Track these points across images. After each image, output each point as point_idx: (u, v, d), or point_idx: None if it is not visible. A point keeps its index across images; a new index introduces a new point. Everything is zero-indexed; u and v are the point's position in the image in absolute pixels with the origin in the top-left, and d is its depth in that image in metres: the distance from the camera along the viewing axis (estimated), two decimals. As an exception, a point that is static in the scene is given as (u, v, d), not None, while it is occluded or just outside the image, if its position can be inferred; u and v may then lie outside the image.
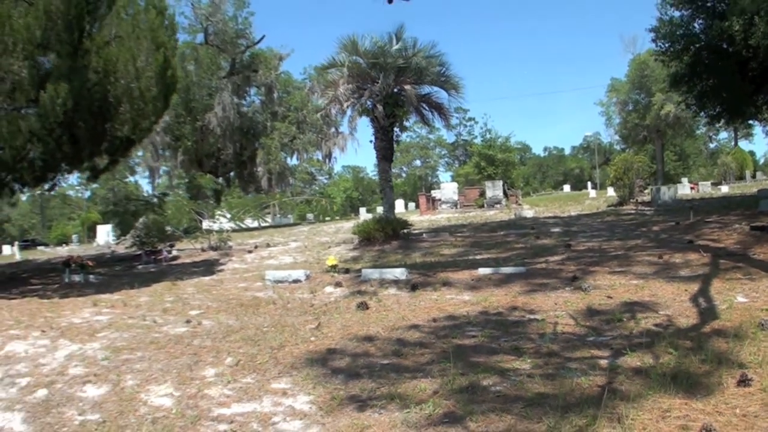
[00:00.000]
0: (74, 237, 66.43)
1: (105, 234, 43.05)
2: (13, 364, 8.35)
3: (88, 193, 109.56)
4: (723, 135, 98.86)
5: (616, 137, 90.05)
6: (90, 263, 20.10)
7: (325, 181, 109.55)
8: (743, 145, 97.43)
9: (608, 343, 7.13)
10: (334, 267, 14.98)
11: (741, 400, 5.14)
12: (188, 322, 10.41)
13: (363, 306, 10.35)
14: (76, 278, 17.95)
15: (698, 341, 6.79)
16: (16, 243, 50.16)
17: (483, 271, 12.76)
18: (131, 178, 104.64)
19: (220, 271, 17.84)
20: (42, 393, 6.95)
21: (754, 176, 66.27)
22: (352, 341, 8.22)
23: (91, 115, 15.92)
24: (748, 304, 8.41)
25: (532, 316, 8.83)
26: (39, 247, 54.79)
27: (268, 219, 46.72)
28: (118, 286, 15.79)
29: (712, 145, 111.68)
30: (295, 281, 13.81)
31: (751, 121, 35.53)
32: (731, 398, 5.19)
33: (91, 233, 67.83)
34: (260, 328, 9.41)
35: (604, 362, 6.39)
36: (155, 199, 26.89)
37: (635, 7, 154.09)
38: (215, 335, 9.22)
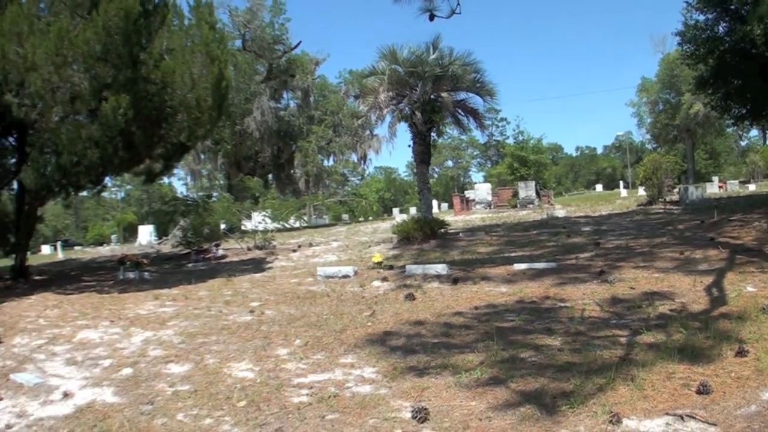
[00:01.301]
0: (113, 237, 67.64)
1: (147, 234, 44.17)
2: (91, 349, 9.29)
3: (121, 195, 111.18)
4: (754, 133, 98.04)
5: (648, 136, 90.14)
6: (144, 261, 21.26)
7: (358, 182, 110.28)
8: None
9: (628, 325, 8.13)
10: (379, 263, 16.01)
11: (736, 366, 6.11)
12: (252, 312, 11.45)
13: (410, 297, 11.38)
14: (131, 275, 18.94)
15: (706, 322, 7.76)
16: (59, 243, 51.48)
17: (518, 266, 13.72)
18: (166, 180, 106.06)
19: (270, 268, 18.77)
20: (127, 371, 7.86)
21: (781, 174, 66.42)
22: (405, 325, 9.28)
23: (150, 123, 16.88)
24: (756, 293, 9.29)
25: (562, 304, 9.83)
26: (76, 248, 55.90)
27: (305, 220, 47.85)
28: (175, 282, 16.73)
29: (743, 143, 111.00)
30: (345, 276, 14.82)
31: None
32: (728, 365, 6.16)
33: (127, 233, 69.12)
34: (320, 316, 10.47)
35: (623, 339, 7.42)
36: (201, 201, 27.91)
37: (665, 7, 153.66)
38: (280, 322, 10.28)
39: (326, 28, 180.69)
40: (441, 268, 14.02)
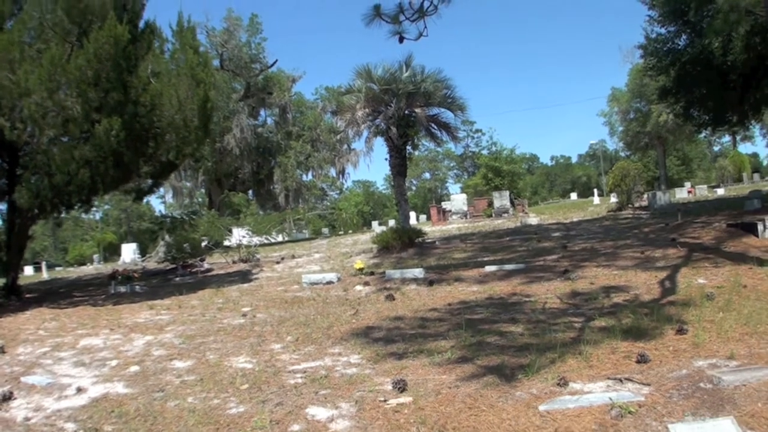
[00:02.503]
0: (95, 257, 67.93)
1: (131, 251, 44.85)
2: (96, 353, 10.00)
3: (99, 215, 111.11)
4: (726, 138, 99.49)
5: (621, 144, 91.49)
6: (135, 275, 21.98)
7: (336, 196, 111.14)
8: (746, 148, 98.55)
9: (584, 313, 9.12)
10: (361, 270, 16.93)
11: (675, 342, 7.06)
12: (244, 315, 12.31)
13: (390, 297, 12.34)
14: (122, 289, 19.58)
15: (654, 309, 8.72)
16: (44, 263, 51.86)
17: (489, 268, 14.76)
18: (145, 199, 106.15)
19: (256, 279, 19.48)
20: (135, 368, 8.62)
21: (751, 178, 67.68)
22: (385, 321, 10.23)
23: (140, 143, 17.68)
24: (706, 284, 10.29)
25: (527, 299, 10.82)
26: (57, 268, 56.14)
27: (287, 233, 48.68)
28: (166, 294, 17.42)
29: (716, 149, 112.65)
30: (329, 283, 15.72)
31: (736, 127, 36.86)
32: (668, 341, 7.11)
33: (107, 253, 69.44)
34: (308, 317, 11.36)
35: (577, 325, 8.40)
36: (188, 217, 28.55)
37: (633, 19, 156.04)
38: (271, 323, 11.15)
39: (302, 46, 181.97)
40: (418, 272, 15.00)
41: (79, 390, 7.72)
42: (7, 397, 7.56)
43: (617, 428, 4.84)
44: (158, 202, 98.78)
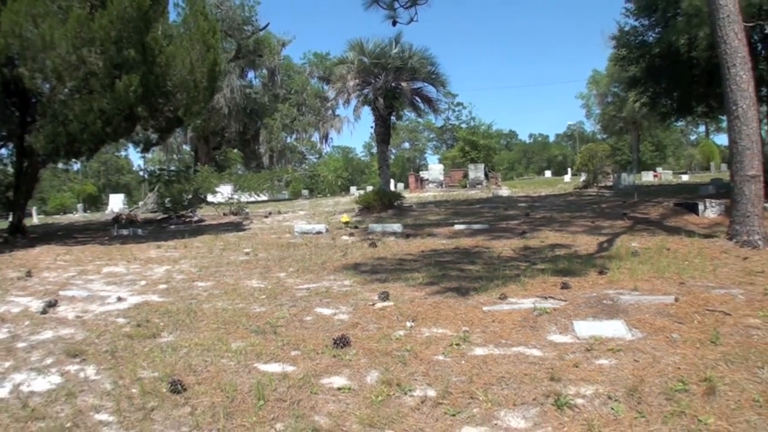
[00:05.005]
0: (79, 207, 69.13)
1: (119, 201, 46.65)
2: (122, 277, 11.82)
3: (77, 166, 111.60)
4: (702, 128, 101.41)
5: (598, 127, 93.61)
6: (138, 219, 23.81)
7: (315, 160, 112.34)
8: (722, 139, 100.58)
9: (529, 260, 11.25)
10: (346, 223, 19.03)
11: (595, 279, 9.08)
12: (247, 254, 14.34)
13: (373, 245, 14.47)
14: (125, 232, 21.29)
15: (586, 259, 10.85)
16: (34, 208, 53.00)
17: (458, 227, 17.02)
18: (122, 153, 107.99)
19: (249, 229, 21.51)
20: (163, 286, 10.51)
21: (719, 168, 70.05)
22: (370, 260, 12.35)
23: (153, 99, 19.55)
24: (636, 246, 12.24)
25: (486, 250, 12.97)
26: (40, 216, 57.18)
27: (273, 192, 50.46)
28: (168, 237, 19.25)
29: (692, 137, 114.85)
30: (318, 233, 17.82)
31: (701, 118, 38.58)
32: (589, 279, 9.12)
33: (86, 204, 70.56)
34: (303, 256, 13.41)
35: (523, 267, 10.51)
36: (183, 171, 30.22)
37: (618, 5, 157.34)
38: (272, 260, 13.20)
39: (291, 11, 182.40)
40: (397, 227, 17.23)
41: (120, 299, 9.43)
42: (53, 304, 9.09)
43: (535, 321, 6.93)
44: (137, 157, 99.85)
